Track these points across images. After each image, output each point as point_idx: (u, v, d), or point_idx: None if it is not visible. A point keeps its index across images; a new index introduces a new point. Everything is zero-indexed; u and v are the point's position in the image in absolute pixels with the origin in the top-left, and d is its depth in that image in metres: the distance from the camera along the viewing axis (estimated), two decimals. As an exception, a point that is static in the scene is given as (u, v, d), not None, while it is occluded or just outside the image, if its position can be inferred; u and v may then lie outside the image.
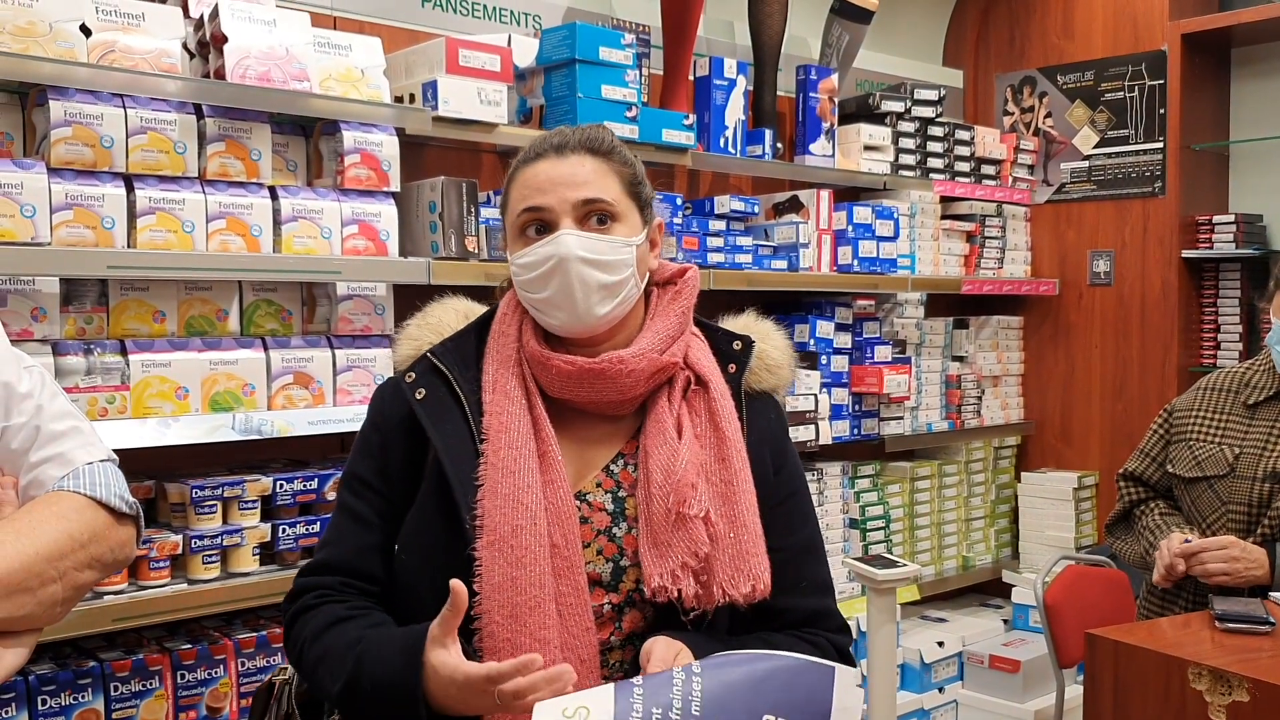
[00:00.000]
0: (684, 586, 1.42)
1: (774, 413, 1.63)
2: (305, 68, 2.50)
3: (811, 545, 1.60)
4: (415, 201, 2.77)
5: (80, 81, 2.23)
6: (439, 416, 1.52)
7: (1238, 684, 1.80)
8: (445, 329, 1.62)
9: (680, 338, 1.56)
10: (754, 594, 1.45)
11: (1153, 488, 2.66)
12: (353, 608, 1.52)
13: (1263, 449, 2.44)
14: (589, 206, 1.50)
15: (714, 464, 1.50)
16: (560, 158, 1.52)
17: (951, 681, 3.95)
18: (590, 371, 1.50)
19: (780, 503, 1.57)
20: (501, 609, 1.41)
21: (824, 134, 3.74)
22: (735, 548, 1.46)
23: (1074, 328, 4.40)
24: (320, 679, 1.48)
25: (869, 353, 3.76)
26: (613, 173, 1.53)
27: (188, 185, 2.38)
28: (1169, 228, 4.09)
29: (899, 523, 3.95)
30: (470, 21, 3.16)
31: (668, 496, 1.45)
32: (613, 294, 1.50)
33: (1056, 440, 4.46)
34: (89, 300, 2.34)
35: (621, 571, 1.48)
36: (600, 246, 1.49)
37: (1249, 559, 2.31)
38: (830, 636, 1.56)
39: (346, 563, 1.55)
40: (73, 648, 2.34)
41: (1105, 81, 4.29)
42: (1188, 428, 2.58)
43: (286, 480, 2.50)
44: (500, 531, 1.43)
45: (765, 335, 1.66)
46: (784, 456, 1.61)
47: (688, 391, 1.55)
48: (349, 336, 2.63)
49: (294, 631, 1.54)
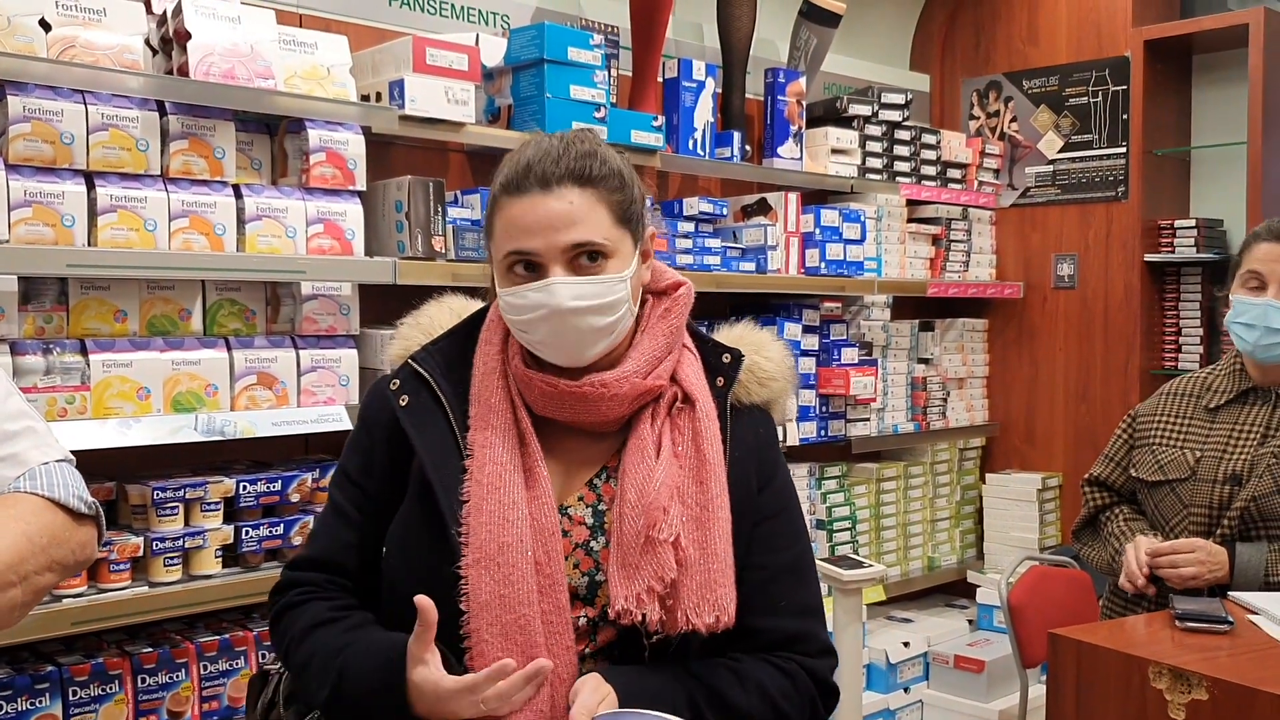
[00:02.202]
0: (648, 611, 1.40)
1: (763, 427, 1.58)
2: (270, 65, 2.48)
3: (796, 566, 1.55)
4: (381, 201, 2.75)
5: (39, 77, 2.20)
6: (423, 426, 1.50)
7: (1197, 682, 1.82)
8: (436, 329, 1.60)
9: (669, 357, 1.52)
10: (717, 625, 1.42)
11: (1117, 492, 2.68)
12: (335, 608, 1.52)
13: (1223, 452, 2.47)
14: (579, 249, 1.43)
15: (691, 486, 1.46)
16: (546, 193, 1.42)
17: (917, 682, 3.97)
18: (571, 394, 1.47)
19: (764, 520, 1.53)
20: (491, 627, 1.40)
21: (792, 137, 3.75)
22: (704, 575, 1.42)
23: (1038, 330, 4.44)
24: (306, 684, 1.50)
25: (836, 355, 3.77)
26: (602, 204, 1.44)
27: (150, 183, 2.36)
28: (1131, 232, 4.14)
29: (865, 524, 3.97)
30: (438, 20, 3.15)
31: (639, 518, 1.42)
32: (608, 333, 1.46)
33: (1021, 442, 4.50)
34: (48, 299, 2.31)
35: (597, 586, 1.47)
36: (593, 291, 1.42)
37: (1213, 561, 2.34)
38: (805, 661, 1.51)
39: (331, 558, 1.56)
40: (30, 652, 2.31)
41: (1069, 87, 4.33)
42: (1151, 432, 2.60)
43: (250, 482, 2.47)
44: (487, 549, 1.42)
45: (760, 346, 1.61)
46: (771, 473, 1.56)
47: (673, 408, 1.51)
48: (313, 337, 2.61)
49: (279, 628, 1.56)
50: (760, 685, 1.46)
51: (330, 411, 2.54)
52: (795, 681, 1.49)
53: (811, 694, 1.50)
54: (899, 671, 3.90)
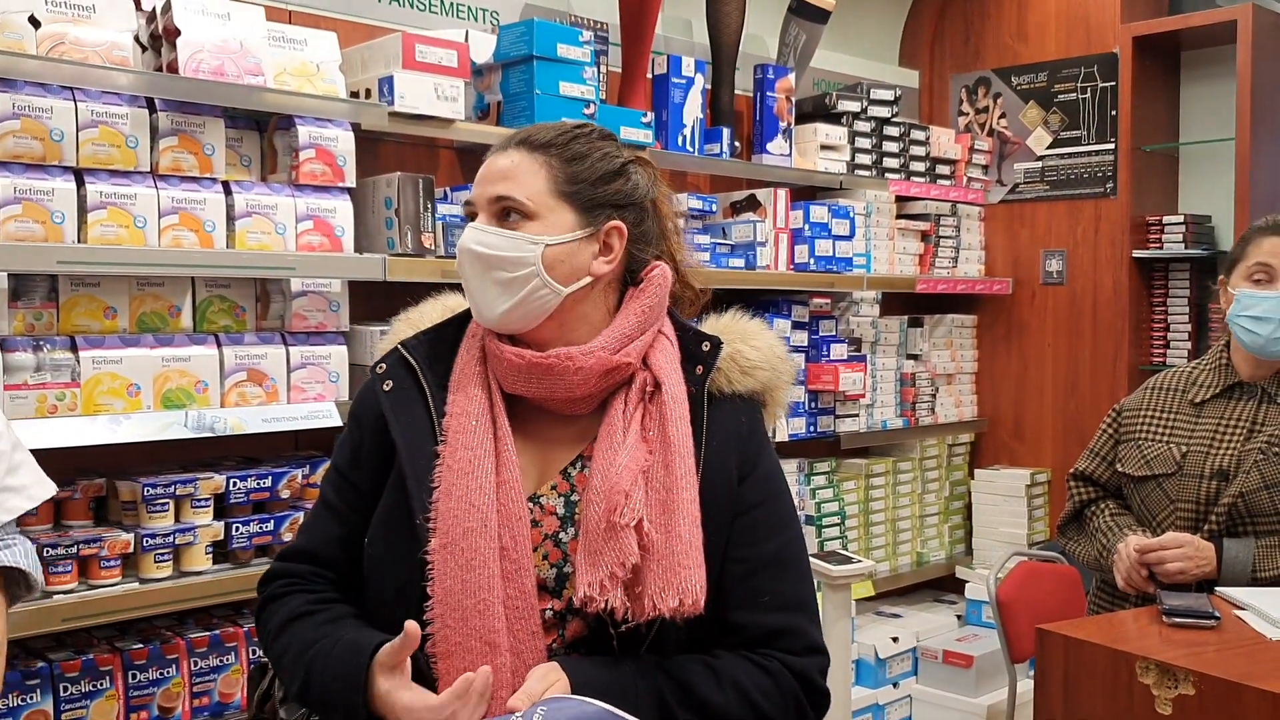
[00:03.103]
0: (611, 598, 1.37)
1: (746, 417, 1.55)
2: (260, 62, 2.48)
3: (781, 558, 1.50)
4: (371, 197, 2.75)
5: (28, 74, 2.19)
6: (403, 411, 1.51)
7: (1184, 677, 1.83)
8: (426, 323, 1.62)
9: (640, 337, 1.51)
10: (682, 608, 1.38)
11: (1103, 487, 2.69)
12: (314, 601, 1.54)
13: (1209, 446, 2.48)
14: (500, 203, 1.49)
15: (659, 470, 1.44)
16: (500, 153, 1.52)
17: (906, 676, 3.98)
18: (538, 366, 1.48)
19: (745, 512, 1.50)
20: (453, 612, 1.40)
21: (781, 133, 3.76)
22: (668, 559, 1.39)
23: (1027, 326, 4.45)
24: (281, 676, 1.53)
25: (825, 350, 3.78)
26: (543, 169, 1.49)
27: (140, 180, 2.35)
28: (1120, 228, 4.15)
29: (854, 519, 3.98)
30: (427, 17, 3.14)
31: (601, 503, 1.41)
32: (508, 292, 1.46)
33: (1009, 437, 4.51)
34: (38, 296, 2.30)
35: (565, 577, 1.46)
36: (495, 241, 1.47)
37: (1201, 556, 2.35)
38: (788, 659, 1.46)
39: (317, 550, 1.58)
40: (20, 648, 2.31)
41: (1058, 83, 4.34)
42: (1136, 427, 2.61)
43: (240, 478, 2.47)
44: (452, 534, 1.42)
45: (746, 335, 1.58)
46: (754, 464, 1.52)
47: (646, 394, 1.50)
48: (303, 333, 2.61)
49: (263, 617, 1.58)
50: (737, 682, 1.42)
51: (320, 408, 2.54)
52: (777, 680, 1.44)
53: (796, 694, 1.45)
54: (888, 666, 3.91)
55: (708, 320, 1.63)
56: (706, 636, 1.46)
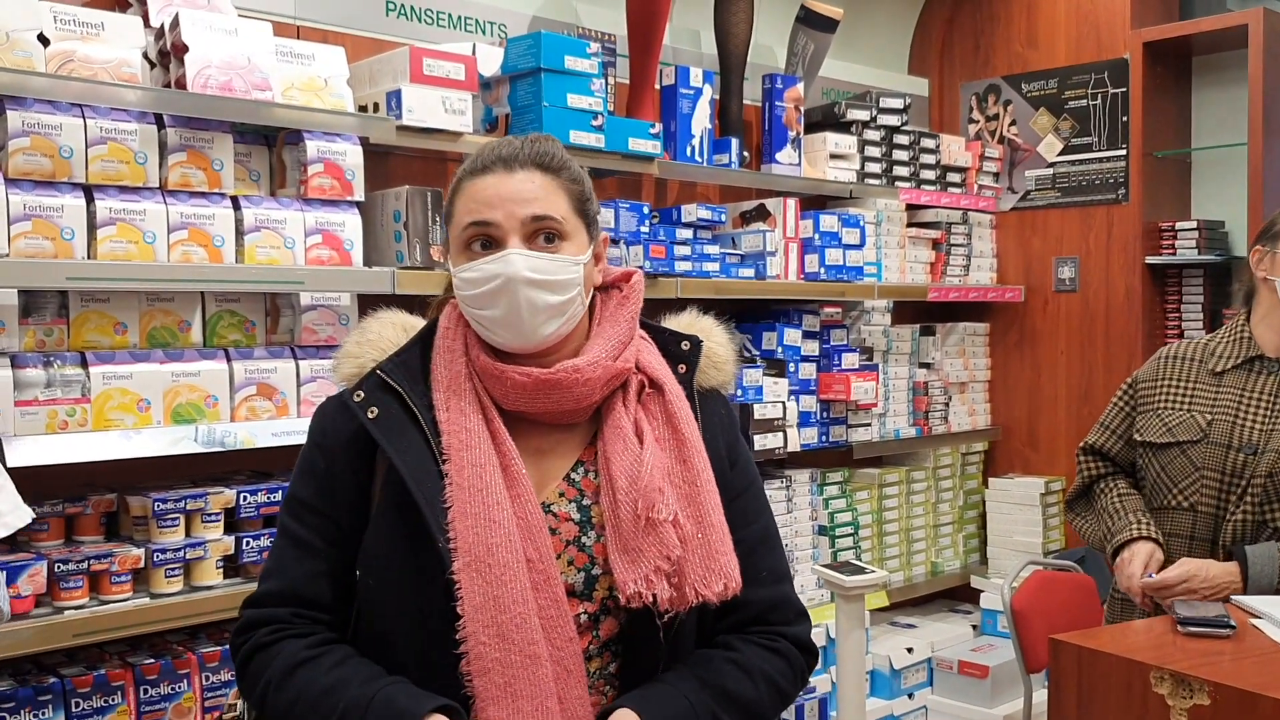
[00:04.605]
0: (659, 591, 1.42)
1: (724, 408, 1.64)
2: (267, 77, 2.48)
3: (767, 535, 1.62)
4: (380, 211, 2.76)
5: (38, 91, 2.21)
6: (396, 436, 1.48)
7: (1199, 688, 1.81)
8: (387, 344, 1.57)
9: (631, 342, 1.55)
10: (726, 592, 1.46)
11: (1113, 461, 2.66)
12: (311, 645, 1.48)
13: (1235, 416, 2.44)
14: (538, 224, 1.47)
15: (676, 466, 1.50)
16: (509, 173, 1.48)
17: (921, 687, 3.96)
18: (546, 383, 1.48)
19: (737, 495, 1.58)
20: (487, 629, 1.39)
21: (790, 143, 3.76)
22: (705, 548, 1.46)
23: (1039, 334, 4.43)
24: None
25: (836, 360, 3.77)
26: (561, 190, 1.50)
27: (149, 195, 2.36)
28: (1132, 234, 4.13)
29: (867, 529, 3.96)
30: (435, 30, 3.15)
31: (635, 503, 1.44)
32: (559, 313, 1.48)
33: (1023, 446, 4.49)
34: (49, 312, 2.31)
35: (594, 580, 1.48)
36: (548, 266, 1.46)
37: (1211, 585, 2.33)
38: (788, 631, 1.58)
39: (295, 592, 1.51)
40: (33, 664, 2.31)
41: (1069, 89, 4.33)
42: (1154, 397, 2.57)
43: (250, 492, 2.47)
44: (476, 552, 1.41)
45: (708, 333, 1.66)
46: (737, 450, 1.62)
47: (642, 395, 1.54)
48: (313, 347, 2.61)
49: (251, 669, 1.49)
50: (766, 674, 1.52)
51: (330, 422, 2.54)
52: (790, 660, 1.56)
53: (801, 664, 1.58)
54: (903, 677, 3.89)
55: (668, 320, 1.68)
56: (710, 614, 1.53)
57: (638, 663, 1.49)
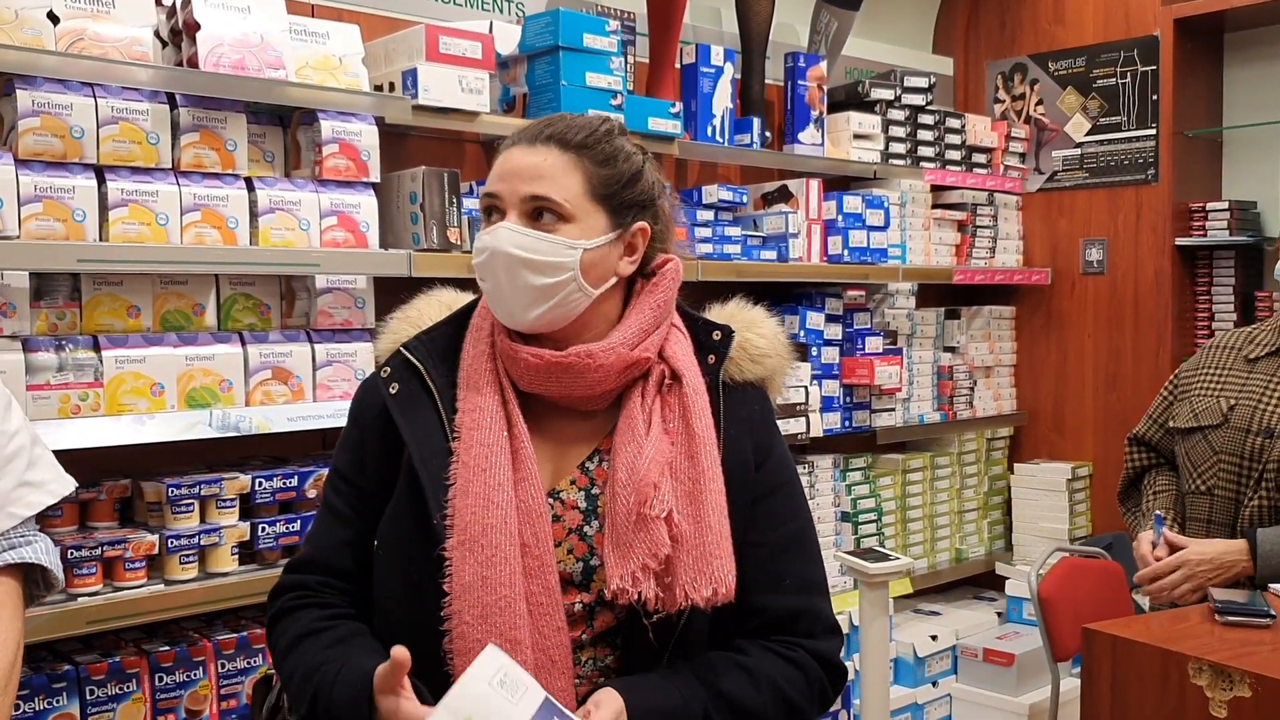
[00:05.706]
0: (644, 589, 1.38)
1: (758, 404, 1.57)
2: (281, 56, 2.44)
3: (797, 541, 1.54)
4: (395, 192, 2.72)
5: (48, 70, 2.17)
6: (411, 412, 1.49)
7: (1239, 679, 1.76)
8: (425, 321, 1.59)
9: (656, 331, 1.50)
10: (715, 598, 1.40)
11: (1156, 450, 2.67)
12: (324, 617, 1.50)
13: (1258, 401, 2.43)
14: (535, 203, 1.45)
15: (683, 461, 1.45)
16: (530, 147, 1.47)
17: (945, 675, 3.91)
18: (558, 365, 1.46)
19: (763, 497, 1.52)
20: (472, 609, 1.38)
21: (813, 122, 3.70)
22: (699, 549, 1.41)
23: (1067, 317, 4.37)
24: (290, 697, 1.50)
25: (860, 344, 3.71)
26: (579, 170, 1.46)
27: (161, 176, 2.33)
28: (1162, 215, 4.05)
29: (891, 515, 3.91)
30: (451, 9, 3.10)
31: (630, 496, 1.41)
32: (545, 297, 1.44)
33: (1050, 431, 4.42)
34: (61, 295, 2.28)
35: (592, 570, 1.45)
36: (535, 245, 1.44)
37: (1211, 564, 2.29)
38: (810, 644, 1.50)
39: (325, 560, 1.55)
40: (47, 651, 2.29)
41: (1097, 68, 4.25)
42: (1193, 385, 2.58)
43: (265, 478, 2.44)
44: (471, 531, 1.40)
45: (751, 324, 1.60)
46: (769, 449, 1.55)
47: (663, 386, 1.50)
48: (329, 330, 2.58)
49: (274, 635, 1.55)
50: (773, 682, 1.46)
51: (346, 406, 2.50)
52: (806, 672, 1.49)
53: (821, 681, 1.51)
54: (927, 665, 3.84)
55: (712, 309, 1.63)
56: (726, 619, 1.47)
57: (635, 658, 1.46)
